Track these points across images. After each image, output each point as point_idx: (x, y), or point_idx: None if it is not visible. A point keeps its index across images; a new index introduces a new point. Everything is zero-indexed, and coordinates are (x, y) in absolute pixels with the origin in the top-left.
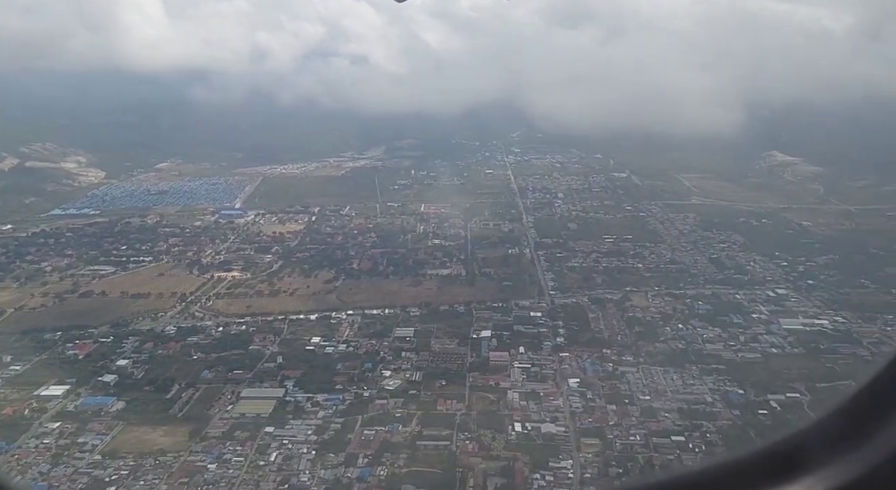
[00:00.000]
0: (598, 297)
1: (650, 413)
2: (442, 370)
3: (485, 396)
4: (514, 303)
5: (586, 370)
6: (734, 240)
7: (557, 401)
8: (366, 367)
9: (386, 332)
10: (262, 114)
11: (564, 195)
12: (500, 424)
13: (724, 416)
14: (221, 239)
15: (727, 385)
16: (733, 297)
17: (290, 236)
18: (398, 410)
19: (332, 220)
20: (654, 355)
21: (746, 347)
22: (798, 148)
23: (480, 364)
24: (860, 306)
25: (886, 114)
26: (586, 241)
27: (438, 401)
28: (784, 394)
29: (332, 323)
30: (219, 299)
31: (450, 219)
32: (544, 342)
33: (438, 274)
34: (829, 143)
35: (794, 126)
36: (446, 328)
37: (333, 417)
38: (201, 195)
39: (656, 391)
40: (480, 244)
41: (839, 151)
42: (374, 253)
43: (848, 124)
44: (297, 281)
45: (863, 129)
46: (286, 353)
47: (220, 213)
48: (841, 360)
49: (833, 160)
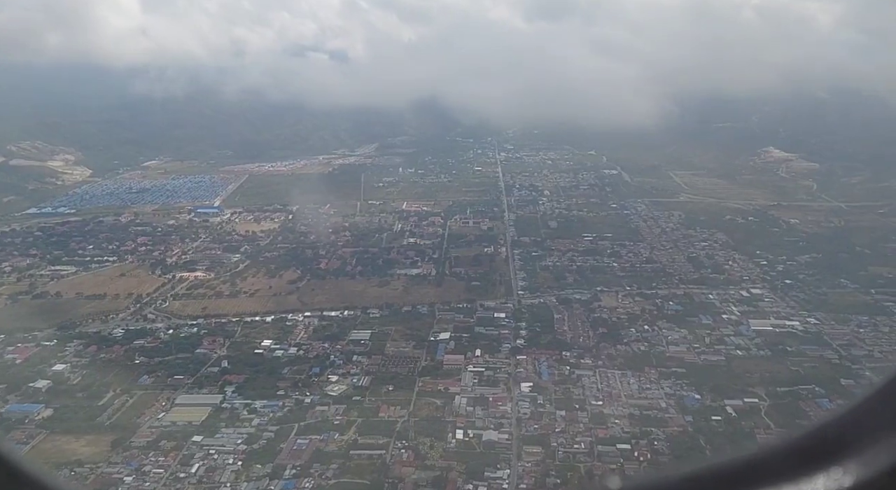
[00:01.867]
0: (566, 298)
1: (600, 419)
2: (392, 374)
3: (431, 402)
4: (480, 303)
5: (541, 374)
6: (716, 238)
7: (505, 406)
8: (313, 372)
9: (341, 335)
10: (254, 111)
11: (551, 193)
12: (441, 432)
13: (676, 423)
14: (192, 238)
15: (684, 389)
16: (706, 297)
17: (262, 235)
18: (338, 417)
19: (309, 219)
20: (614, 358)
21: (711, 350)
22: (796, 143)
23: (433, 368)
24: (836, 307)
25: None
26: (564, 240)
27: (382, 407)
28: (742, 399)
29: (288, 325)
30: (176, 300)
31: (430, 217)
32: (503, 344)
33: (407, 274)
34: (827, 139)
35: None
36: (405, 330)
37: (268, 425)
38: (182, 193)
39: (610, 396)
40: (456, 243)
41: (837, 147)
42: (345, 252)
43: (848, 119)
44: (260, 281)
45: (863, 123)
46: (233, 356)
47: (196, 212)
48: (807, 363)
49: (831, 156)
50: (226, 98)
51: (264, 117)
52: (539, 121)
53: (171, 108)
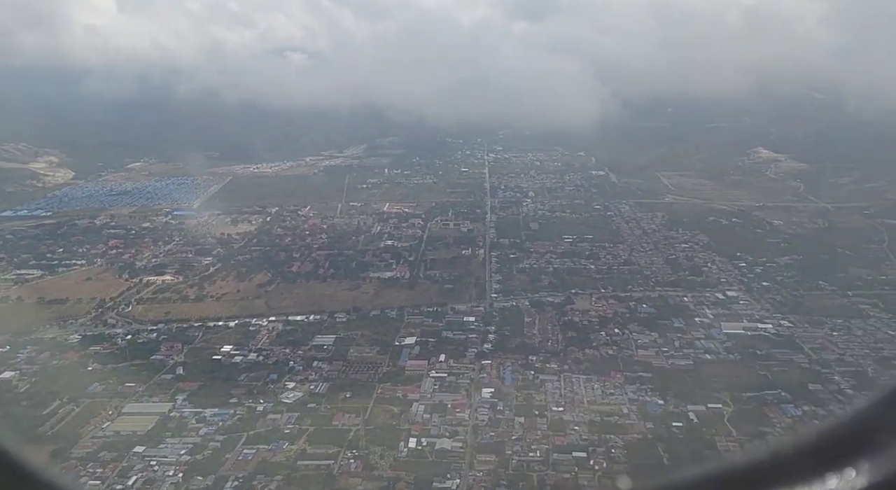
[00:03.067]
0: (539, 301)
1: (559, 426)
2: (351, 381)
3: (388, 409)
4: (451, 307)
5: (505, 379)
6: (698, 239)
7: (464, 413)
8: (270, 379)
9: (304, 340)
10: (243, 112)
11: (535, 194)
12: (394, 440)
13: (636, 430)
14: (164, 241)
15: (648, 395)
16: (681, 299)
17: (237, 238)
18: (289, 426)
19: (288, 221)
20: (581, 362)
21: (680, 354)
22: (787, 144)
23: (394, 374)
24: (811, 309)
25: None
26: (544, 242)
27: (336, 415)
28: (706, 404)
29: (251, 330)
30: (140, 305)
31: (410, 218)
32: (469, 349)
33: (380, 277)
34: (818, 139)
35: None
36: (371, 335)
37: (216, 434)
38: (163, 195)
39: (572, 402)
40: (434, 245)
41: (828, 147)
42: (319, 255)
43: (840, 118)
44: (229, 285)
45: (855, 123)
46: (189, 363)
47: (173, 214)
48: (776, 368)
49: (821, 156)
50: (214, 100)
51: (253, 119)
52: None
53: (159, 110)
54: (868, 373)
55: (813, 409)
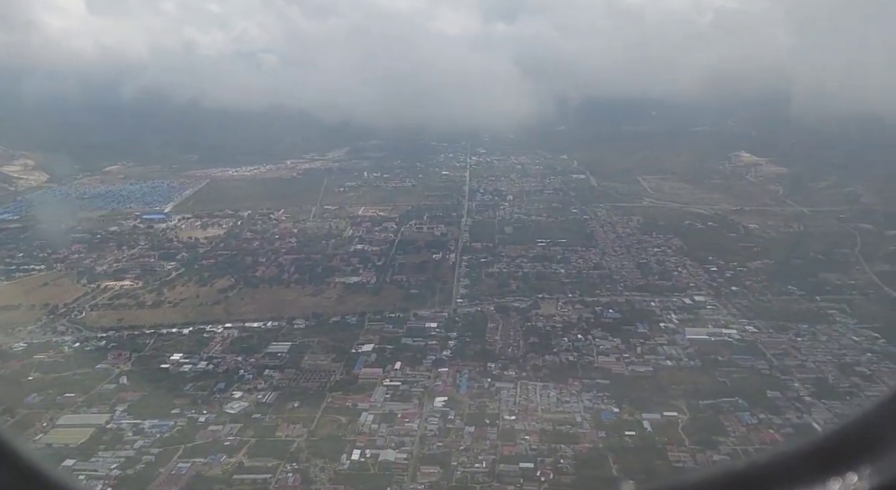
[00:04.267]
0: (505, 305)
1: (509, 435)
2: (301, 390)
3: (336, 419)
4: (414, 313)
5: (460, 387)
6: (671, 243)
7: (413, 423)
8: (217, 388)
9: (259, 348)
10: (226, 114)
11: (514, 197)
12: (337, 452)
13: (588, 439)
14: (129, 245)
15: (604, 402)
16: (648, 304)
17: (204, 242)
18: (230, 438)
19: (259, 225)
20: (540, 369)
21: (640, 360)
22: (768, 147)
23: (347, 382)
24: (778, 315)
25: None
26: (517, 246)
27: (281, 425)
28: (661, 412)
29: (204, 337)
30: (94, 311)
31: (384, 222)
32: (428, 356)
33: (345, 282)
34: (798, 142)
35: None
36: (328, 342)
37: (151, 447)
38: (135, 198)
39: (525, 410)
40: (405, 249)
41: (809, 150)
42: (286, 259)
43: (822, 121)
44: (189, 290)
45: (835, 126)
46: (136, 372)
47: (142, 218)
48: (736, 374)
49: (802, 159)
50: (197, 102)
51: (236, 121)
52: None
53: (138, 113)
54: (829, 380)
55: (769, 418)
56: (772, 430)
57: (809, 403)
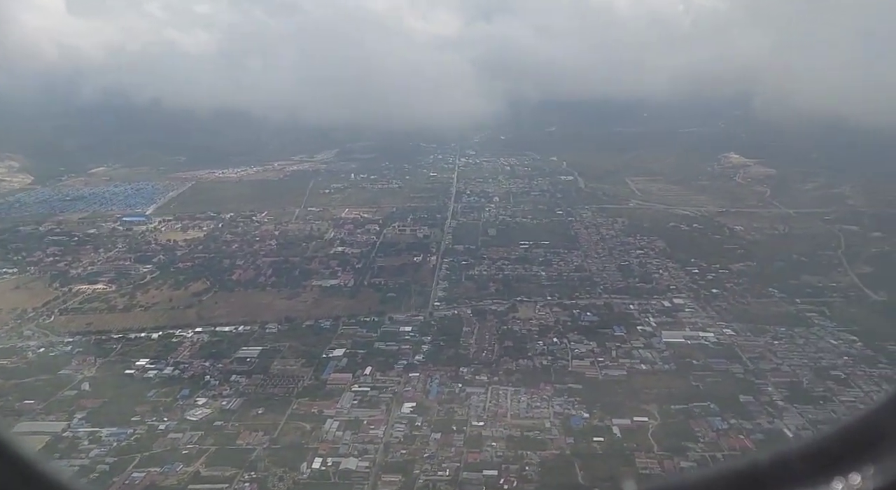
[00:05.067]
0: (482, 309)
1: (475, 442)
2: (267, 396)
3: (300, 426)
4: (389, 316)
5: (430, 392)
6: (654, 245)
7: (378, 430)
8: (181, 395)
9: (228, 353)
10: (217, 116)
11: (500, 199)
12: (298, 460)
13: (556, 445)
14: (106, 248)
15: (575, 408)
16: (626, 307)
17: (183, 244)
18: (189, 446)
19: (240, 227)
20: (512, 374)
21: (615, 364)
22: (757, 148)
23: (315, 388)
24: (756, 317)
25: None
26: (499, 248)
27: (243, 433)
28: (632, 417)
29: (173, 342)
30: (63, 315)
31: (367, 224)
32: (399, 361)
33: (322, 285)
34: (788, 143)
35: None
36: (299, 346)
37: (107, 456)
38: (118, 200)
39: (495, 416)
40: (386, 251)
41: (797, 152)
42: (264, 262)
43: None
44: (162, 293)
45: (826, 127)
46: (98, 378)
47: (122, 220)
48: (710, 378)
49: (790, 161)
50: (186, 104)
51: (226, 122)
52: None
53: (127, 115)
54: (803, 384)
55: (740, 423)
56: (742, 436)
57: (782, 408)
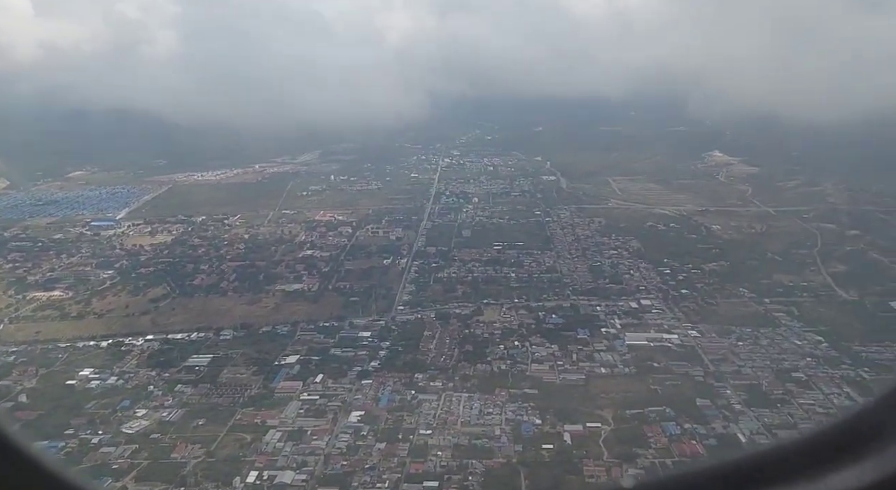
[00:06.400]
0: (447, 312)
1: (421, 452)
2: (211, 406)
3: (240, 438)
4: (350, 321)
5: (380, 400)
6: (629, 246)
7: (321, 441)
8: (121, 406)
9: (177, 361)
10: (200, 119)
11: (479, 200)
12: (232, 474)
13: (504, 453)
14: (69, 254)
15: (528, 414)
16: (593, 309)
17: (149, 249)
18: (121, 460)
19: (210, 230)
20: (469, 379)
21: (575, 368)
22: (742, 147)
23: (262, 397)
24: (723, 318)
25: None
26: (472, 250)
27: (179, 446)
28: (585, 423)
29: (122, 350)
30: (12, 323)
31: (340, 226)
32: (354, 367)
33: (286, 289)
34: (772, 142)
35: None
36: (252, 354)
37: None
38: (90, 204)
39: (444, 423)
40: (356, 254)
41: (781, 150)
42: (229, 266)
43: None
44: (119, 300)
45: (810, 126)
46: (39, 389)
47: (91, 225)
48: (669, 382)
49: (773, 159)
50: (171, 107)
51: (210, 125)
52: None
53: (110, 118)
54: (762, 386)
55: (694, 428)
56: (694, 442)
57: (738, 412)
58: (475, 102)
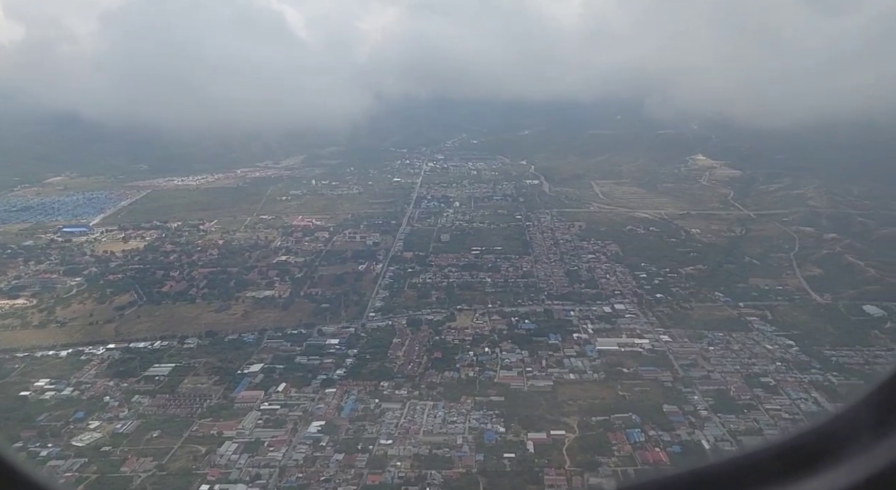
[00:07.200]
0: (418, 319)
1: (379, 462)
2: (168, 417)
3: (195, 449)
4: (319, 328)
5: (343, 409)
6: (608, 250)
7: (278, 452)
8: (75, 418)
9: (137, 371)
10: (185, 124)
11: (461, 204)
12: (183, 488)
13: (464, 463)
14: (38, 261)
15: (492, 421)
16: (567, 313)
17: (120, 255)
18: (68, 474)
19: (184, 236)
20: (435, 387)
21: (543, 374)
22: (726, 150)
23: (221, 407)
24: (696, 323)
25: None
26: (449, 255)
27: (130, 459)
28: (549, 431)
29: (81, 360)
30: None
31: (317, 231)
32: (319, 376)
33: (256, 296)
34: (755, 145)
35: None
36: (215, 362)
37: None
38: (65, 210)
39: (406, 433)
40: (331, 260)
41: (764, 153)
42: (200, 272)
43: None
44: (84, 307)
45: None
46: None
47: (62, 231)
48: (637, 387)
49: (756, 163)
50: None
51: (195, 130)
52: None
53: (91, 124)
54: (730, 391)
55: (659, 435)
56: (658, 449)
57: (705, 418)
58: (465, 106)
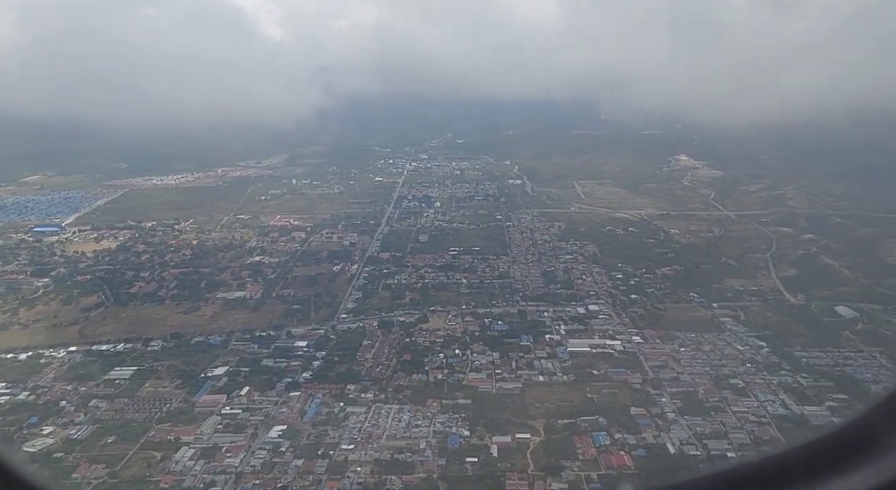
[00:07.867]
0: (390, 320)
1: (339, 468)
2: (124, 422)
3: (150, 456)
4: (288, 330)
5: (306, 414)
6: (586, 250)
7: (236, 458)
8: (28, 423)
9: (97, 374)
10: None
11: (442, 204)
12: None
13: (426, 468)
14: (6, 261)
15: (457, 425)
16: (540, 315)
17: (91, 256)
18: None
19: (158, 236)
20: (402, 390)
21: (513, 376)
22: (708, 151)
23: (181, 412)
24: (669, 324)
25: None
26: (426, 255)
27: (82, 466)
28: (514, 435)
29: (41, 363)
30: None
31: (294, 231)
32: (284, 379)
33: (227, 297)
34: (739, 145)
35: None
36: (179, 365)
37: None
38: (39, 210)
39: (369, 437)
40: (306, 260)
41: (747, 154)
42: (171, 273)
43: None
44: (49, 309)
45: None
46: None
47: (33, 231)
48: (606, 390)
49: (738, 163)
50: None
51: (178, 128)
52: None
53: (74, 123)
54: (699, 393)
55: (624, 438)
56: (623, 452)
57: (671, 421)
58: (450, 107)
